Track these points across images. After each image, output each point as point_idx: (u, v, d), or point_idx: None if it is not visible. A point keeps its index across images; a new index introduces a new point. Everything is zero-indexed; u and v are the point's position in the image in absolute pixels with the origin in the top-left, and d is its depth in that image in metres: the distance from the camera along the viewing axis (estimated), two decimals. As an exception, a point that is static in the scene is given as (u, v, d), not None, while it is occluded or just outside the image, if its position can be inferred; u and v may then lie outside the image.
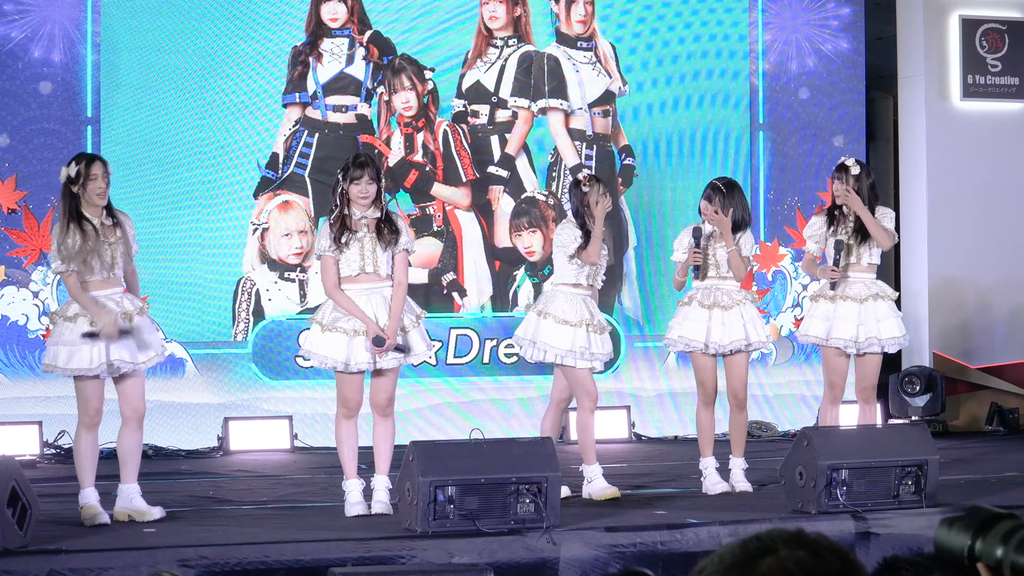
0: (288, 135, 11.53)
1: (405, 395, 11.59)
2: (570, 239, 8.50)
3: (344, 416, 7.87)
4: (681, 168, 12.29)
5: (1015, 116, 12.94)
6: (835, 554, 2.27)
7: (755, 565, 2.25)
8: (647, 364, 12.11)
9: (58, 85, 10.99)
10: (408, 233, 7.97)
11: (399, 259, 7.87)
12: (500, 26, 12.01)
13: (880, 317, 8.82)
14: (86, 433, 7.59)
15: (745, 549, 2.27)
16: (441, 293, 11.85)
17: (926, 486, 7.90)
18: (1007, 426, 12.46)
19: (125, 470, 7.60)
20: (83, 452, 7.60)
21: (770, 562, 2.24)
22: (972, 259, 12.75)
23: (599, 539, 7.17)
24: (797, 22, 12.62)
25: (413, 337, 7.88)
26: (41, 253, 10.88)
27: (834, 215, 8.93)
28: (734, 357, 8.73)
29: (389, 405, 7.93)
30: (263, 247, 11.46)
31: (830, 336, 8.81)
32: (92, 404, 7.57)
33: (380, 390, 7.90)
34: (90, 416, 7.58)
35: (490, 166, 11.96)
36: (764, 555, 2.26)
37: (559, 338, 8.43)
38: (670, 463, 9.88)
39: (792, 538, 2.28)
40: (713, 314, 8.68)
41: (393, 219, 7.93)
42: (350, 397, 7.84)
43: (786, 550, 2.25)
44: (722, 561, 2.27)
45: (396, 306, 7.79)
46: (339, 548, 6.89)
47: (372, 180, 7.79)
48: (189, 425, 11.09)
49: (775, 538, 2.28)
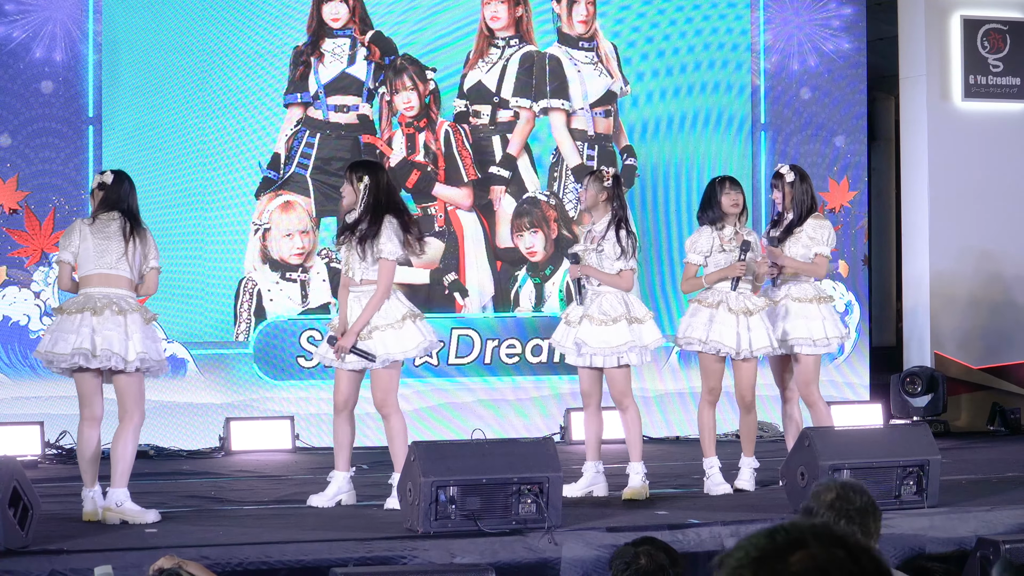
0: (289, 135, 11.53)
1: (406, 395, 11.61)
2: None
3: (334, 411, 8.23)
4: (685, 168, 12.29)
5: (1016, 116, 12.94)
6: (871, 558, 2.17)
7: (785, 560, 2.15)
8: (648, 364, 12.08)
9: (60, 85, 10.99)
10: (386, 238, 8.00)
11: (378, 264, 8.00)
12: (502, 26, 12.01)
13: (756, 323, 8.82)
14: (84, 430, 7.66)
15: (773, 541, 2.17)
16: (443, 293, 11.85)
17: (927, 486, 7.90)
18: (1008, 426, 12.45)
19: (113, 473, 7.60)
20: (79, 450, 7.72)
21: (802, 558, 2.14)
22: (973, 259, 12.74)
23: (600, 539, 7.16)
24: (799, 22, 12.62)
25: (376, 342, 7.93)
26: (43, 253, 10.89)
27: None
28: (745, 361, 8.74)
29: (384, 406, 8.07)
30: (264, 247, 11.46)
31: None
32: (85, 399, 7.63)
33: (373, 391, 8.10)
34: (85, 412, 7.64)
35: (492, 166, 11.96)
36: (794, 549, 2.15)
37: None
38: (672, 463, 9.88)
39: (822, 533, 2.18)
40: (740, 319, 8.69)
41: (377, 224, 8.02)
42: (334, 393, 8.24)
43: (817, 546, 2.15)
44: (747, 554, 2.16)
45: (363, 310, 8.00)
46: (341, 548, 6.89)
47: (347, 182, 8.11)
48: (191, 425, 11.09)
49: (803, 530, 2.18)
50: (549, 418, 11.84)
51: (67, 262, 7.75)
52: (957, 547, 7.58)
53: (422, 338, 8.03)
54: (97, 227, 7.72)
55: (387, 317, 7.97)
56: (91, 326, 7.50)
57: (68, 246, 7.74)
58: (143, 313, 7.65)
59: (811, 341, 8.85)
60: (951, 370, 12.61)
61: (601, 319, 8.48)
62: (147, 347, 7.56)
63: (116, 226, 7.71)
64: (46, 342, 7.65)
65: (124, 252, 7.65)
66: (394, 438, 8.03)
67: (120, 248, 7.66)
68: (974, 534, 7.57)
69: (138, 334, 7.54)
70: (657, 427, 12.05)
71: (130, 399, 7.61)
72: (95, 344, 7.47)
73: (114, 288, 7.63)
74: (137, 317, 7.58)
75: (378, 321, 7.95)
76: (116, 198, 7.82)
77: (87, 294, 7.64)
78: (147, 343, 7.57)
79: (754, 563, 2.15)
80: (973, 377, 12.70)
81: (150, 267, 7.76)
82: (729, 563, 2.18)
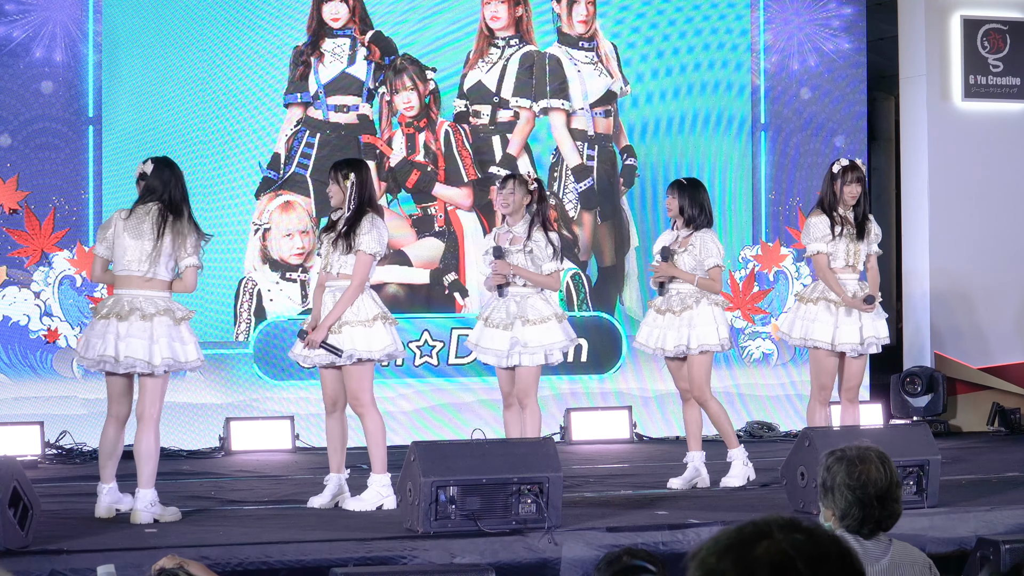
0: (290, 135, 11.53)
1: (406, 395, 11.61)
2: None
3: (325, 412, 8.27)
4: (685, 168, 12.28)
5: (1016, 116, 12.94)
6: (833, 541, 2.31)
7: (752, 548, 2.28)
8: (649, 364, 12.10)
9: (60, 85, 10.99)
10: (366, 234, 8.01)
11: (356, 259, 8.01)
12: (502, 26, 12.01)
13: (866, 319, 8.88)
14: (108, 427, 7.71)
15: (741, 533, 2.31)
16: (443, 293, 11.85)
17: (927, 486, 7.90)
18: (1008, 426, 12.45)
19: (140, 475, 7.60)
20: (101, 445, 7.74)
21: (767, 545, 2.28)
22: (973, 259, 12.75)
23: (600, 539, 7.17)
24: (799, 22, 12.62)
25: (344, 336, 7.93)
26: (43, 253, 10.89)
27: (833, 216, 8.96)
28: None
29: (356, 404, 8.07)
30: (264, 247, 11.46)
31: (808, 337, 8.88)
32: (112, 398, 7.68)
33: (346, 388, 8.12)
34: (112, 409, 7.69)
35: (492, 166, 11.96)
36: (760, 539, 2.29)
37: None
38: (672, 463, 9.88)
39: (787, 523, 2.32)
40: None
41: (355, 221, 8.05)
42: (322, 394, 8.26)
43: (782, 534, 2.29)
44: (717, 544, 2.30)
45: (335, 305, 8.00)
46: (341, 548, 6.89)
47: (333, 181, 8.12)
48: (191, 425, 11.09)
49: (770, 523, 2.32)
50: (549, 418, 11.82)
51: (99, 255, 7.69)
52: (957, 547, 7.58)
53: (390, 341, 7.98)
54: (132, 222, 7.59)
55: (359, 314, 7.95)
56: (116, 332, 7.48)
57: (102, 239, 7.68)
58: (173, 314, 7.56)
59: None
60: (951, 370, 12.62)
61: (534, 319, 8.63)
62: (173, 351, 7.52)
63: (151, 220, 7.57)
64: (80, 344, 7.71)
65: (154, 249, 7.54)
66: (367, 437, 8.06)
67: (151, 245, 7.54)
68: (974, 534, 7.58)
69: (164, 338, 7.49)
70: (657, 427, 12.06)
71: (149, 398, 7.61)
72: (119, 351, 7.46)
73: (143, 290, 7.55)
74: (165, 320, 7.51)
75: (349, 317, 7.94)
76: (156, 188, 7.66)
77: (117, 296, 7.61)
78: (174, 346, 7.52)
79: (721, 551, 2.29)
80: (973, 377, 12.70)
81: (186, 264, 7.59)
82: (699, 555, 2.31)
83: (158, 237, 7.55)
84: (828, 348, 8.91)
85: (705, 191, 9.14)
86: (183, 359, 7.57)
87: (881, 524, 4.36)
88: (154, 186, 7.67)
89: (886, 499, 4.34)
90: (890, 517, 4.37)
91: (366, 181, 8.07)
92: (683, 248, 8.95)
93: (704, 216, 9.02)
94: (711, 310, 8.93)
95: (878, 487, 4.32)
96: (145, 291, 7.55)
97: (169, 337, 7.51)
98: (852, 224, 8.92)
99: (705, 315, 8.89)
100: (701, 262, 8.91)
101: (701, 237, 8.94)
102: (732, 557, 2.26)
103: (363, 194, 8.03)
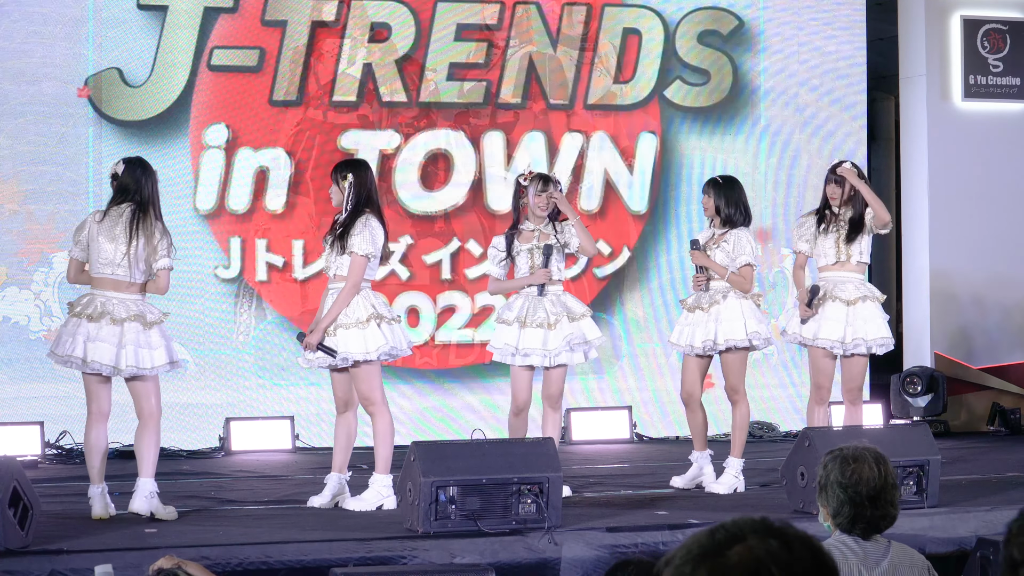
0: (289, 135, 11.52)
1: (407, 395, 11.61)
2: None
3: (336, 412, 8.26)
4: (685, 167, 12.27)
5: (1016, 116, 12.94)
6: (805, 545, 2.28)
7: (724, 555, 2.25)
8: (649, 364, 12.11)
9: (60, 85, 10.98)
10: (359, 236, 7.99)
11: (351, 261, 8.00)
12: (502, 27, 12.00)
13: (867, 318, 8.84)
14: (90, 426, 7.69)
15: (713, 538, 2.27)
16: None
17: (927, 486, 7.90)
18: (1008, 426, 12.45)
19: (139, 465, 7.65)
20: (86, 446, 7.74)
21: (740, 551, 2.25)
22: (973, 259, 12.75)
23: (601, 539, 7.17)
24: (799, 22, 12.61)
25: (339, 338, 7.92)
26: (42, 253, 10.88)
27: (824, 214, 8.95)
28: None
29: (367, 403, 8.08)
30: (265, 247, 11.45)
31: (817, 337, 8.86)
32: (90, 395, 7.67)
33: (356, 389, 8.12)
34: (91, 407, 7.68)
35: (491, 167, 11.95)
36: (733, 544, 2.26)
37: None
38: (672, 463, 9.88)
39: (760, 527, 2.29)
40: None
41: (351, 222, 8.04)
42: (333, 394, 8.22)
43: (755, 539, 2.26)
44: (689, 552, 2.27)
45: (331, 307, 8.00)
46: (341, 548, 6.89)
47: (333, 183, 8.13)
48: (191, 425, 11.09)
49: (742, 526, 2.28)
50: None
51: (74, 258, 7.72)
52: (957, 547, 7.58)
53: (384, 341, 7.93)
54: (106, 224, 7.62)
55: (351, 316, 7.94)
56: (86, 334, 7.52)
57: (77, 241, 7.70)
58: (144, 319, 7.59)
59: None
60: (951, 370, 12.61)
61: (578, 314, 8.69)
62: (139, 357, 7.53)
63: (124, 222, 7.60)
64: (53, 340, 7.77)
65: (127, 252, 7.58)
66: (376, 436, 8.06)
67: (124, 247, 7.57)
68: (974, 534, 7.58)
69: (132, 345, 7.52)
70: (657, 427, 12.05)
71: (142, 398, 7.66)
72: (87, 353, 7.50)
73: (117, 292, 7.58)
74: (135, 325, 7.54)
75: (342, 319, 7.94)
76: (129, 187, 7.66)
77: (91, 297, 7.63)
78: (140, 352, 7.53)
79: (695, 559, 2.25)
80: (973, 377, 12.70)
81: (159, 266, 7.62)
82: (673, 562, 2.28)
83: (131, 239, 7.57)
84: (812, 345, 8.91)
85: (742, 189, 9.05)
86: (148, 365, 7.57)
87: (875, 525, 4.35)
88: (127, 185, 7.69)
89: (878, 500, 4.33)
90: (884, 518, 4.36)
91: (364, 181, 8.06)
92: (716, 245, 8.92)
93: (741, 214, 8.94)
94: (739, 304, 8.82)
95: (870, 487, 4.32)
96: (119, 293, 7.58)
97: (136, 344, 7.53)
98: (845, 223, 8.90)
99: (733, 310, 8.82)
100: (734, 260, 8.88)
101: (736, 235, 8.88)
102: (707, 566, 2.23)
103: (360, 195, 8.02)
